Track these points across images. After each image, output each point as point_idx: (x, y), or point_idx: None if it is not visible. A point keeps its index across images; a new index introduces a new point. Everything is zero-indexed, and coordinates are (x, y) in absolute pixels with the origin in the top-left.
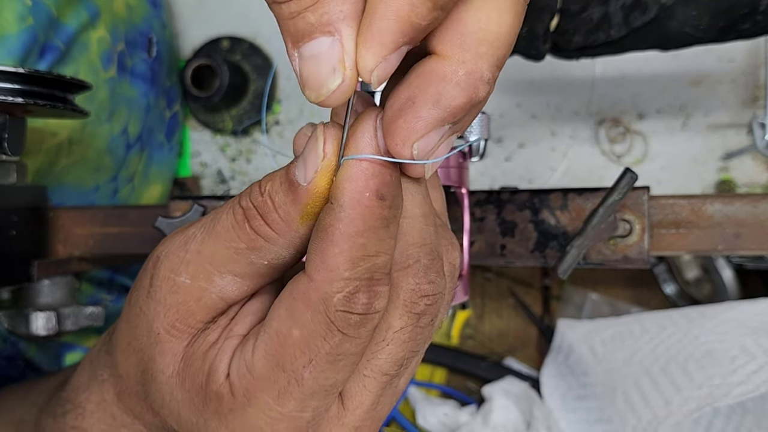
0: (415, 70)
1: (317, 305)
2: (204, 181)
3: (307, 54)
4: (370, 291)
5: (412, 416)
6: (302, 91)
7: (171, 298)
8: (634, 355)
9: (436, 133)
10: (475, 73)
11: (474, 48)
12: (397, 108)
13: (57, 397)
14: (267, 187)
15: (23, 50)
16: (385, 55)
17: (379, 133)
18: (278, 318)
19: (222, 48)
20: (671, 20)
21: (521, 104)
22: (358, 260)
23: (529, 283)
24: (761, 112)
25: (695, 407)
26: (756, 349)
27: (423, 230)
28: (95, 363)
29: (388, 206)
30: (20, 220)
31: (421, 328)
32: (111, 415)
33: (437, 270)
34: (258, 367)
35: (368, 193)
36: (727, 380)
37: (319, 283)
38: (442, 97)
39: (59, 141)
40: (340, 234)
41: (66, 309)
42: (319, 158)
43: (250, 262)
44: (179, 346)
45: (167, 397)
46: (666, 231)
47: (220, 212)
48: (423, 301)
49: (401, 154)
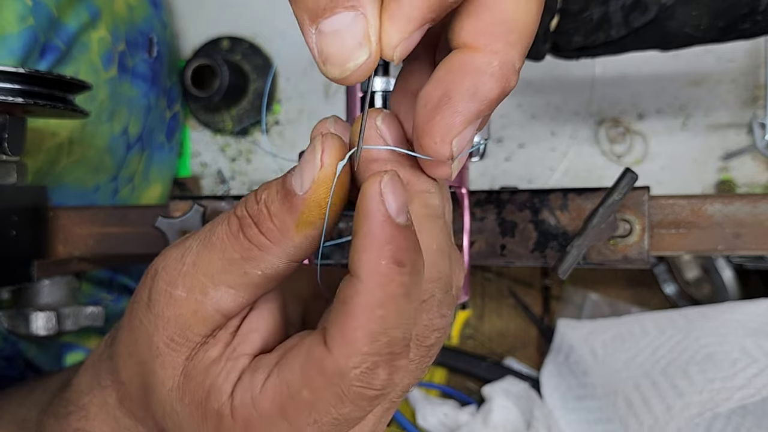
0: (445, 65)
1: (332, 377)
2: (204, 181)
3: (328, 29)
4: (391, 366)
5: (412, 416)
6: (320, 67)
7: (168, 312)
8: (635, 357)
9: (471, 128)
10: (507, 63)
11: (505, 37)
12: (432, 105)
13: (60, 398)
14: (263, 196)
15: (24, 50)
16: (411, 30)
17: (385, 133)
18: (291, 371)
19: (222, 48)
20: (671, 20)
21: (521, 104)
22: (377, 334)
23: (529, 283)
24: (761, 112)
25: (696, 413)
26: (756, 352)
27: (439, 264)
28: (97, 367)
29: (408, 272)
30: (20, 220)
31: (430, 358)
32: (114, 418)
33: (449, 303)
34: (263, 405)
35: (384, 261)
36: (728, 384)
37: (337, 356)
38: (479, 90)
39: (60, 141)
40: (358, 306)
41: (66, 309)
42: (317, 168)
43: (244, 272)
44: (179, 360)
45: (168, 409)
46: (666, 231)
47: (216, 223)
48: (434, 334)
49: (440, 152)
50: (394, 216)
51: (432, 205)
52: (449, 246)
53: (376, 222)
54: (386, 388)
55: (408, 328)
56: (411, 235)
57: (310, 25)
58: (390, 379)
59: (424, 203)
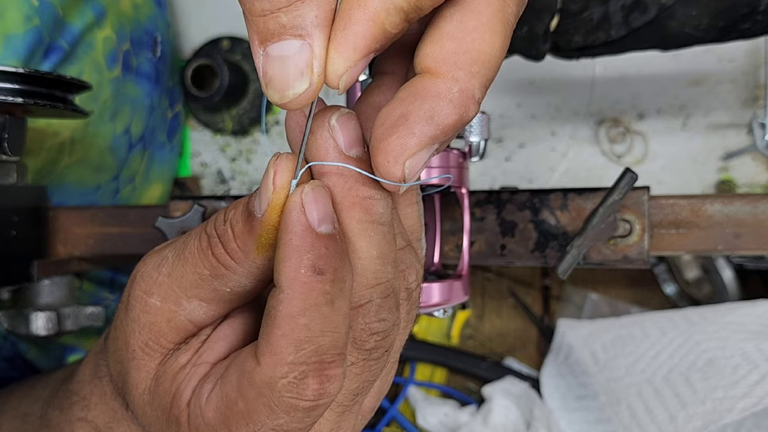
0: (407, 87)
1: (261, 388)
2: (204, 181)
3: (274, 54)
4: (322, 375)
5: (412, 416)
6: (264, 89)
7: (144, 318)
8: (637, 362)
9: (426, 151)
10: (467, 92)
11: (468, 67)
12: (389, 125)
13: (64, 390)
14: (230, 216)
15: (28, 50)
16: (356, 60)
17: (339, 140)
18: (229, 383)
19: (222, 48)
20: (671, 20)
21: (521, 104)
22: (302, 342)
23: (529, 283)
24: (761, 112)
25: (700, 425)
26: (757, 356)
27: (378, 271)
28: (97, 358)
29: (329, 280)
30: (20, 220)
31: (374, 361)
32: (112, 409)
33: (389, 307)
34: (208, 416)
35: (303, 269)
36: (730, 393)
37: (264, 367)
38: (436, 114)
39: (61, 140)
40: (281, 316)
41: (66, 309)
42: (269, 191)
43: (214, 288)
44: (152, 364)
45: (140, 411)
46: (666, 231)
47: (189, 236)
48: (373, 338)
49: (392, 172)
50: (316, 226)
51: (375, 212)
52: (393, 252)
53: (296, 232)
54: (321, 398)
55: (337, 336)
56: (333, 243)
57: (258, 46)
58: (322, 389)
59: (366, 209)
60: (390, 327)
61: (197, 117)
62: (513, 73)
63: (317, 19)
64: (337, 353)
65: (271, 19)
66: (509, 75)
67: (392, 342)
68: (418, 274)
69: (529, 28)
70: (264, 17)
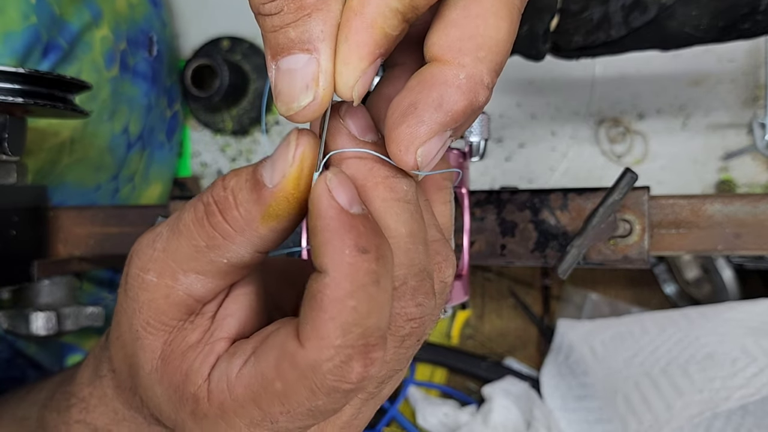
0: (416, 76)
1: (305, 371)
2: (204, 181)
3: (284, 67)
4: (366, 358)
5: (412, 416)
6: (274, 101)
7: (142, 296)
8: (635, 356)
9: (438, 139)
10: (475, 77)
11: (473, 52)
12: (399, 114)
13: (62, 392)
14: (231, 183)
15: (26, 48)
16: (364, 68)
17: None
18: (266, 363)
19: (222, 48)
20: (671, 20)
21: (521, 104)
22: (350, 326)
23: (529, 283)
24: (761, 112)
25: (697, 412)
26: (756, 351)
27: (410, 250)
28: (98, 358)
29: (374, 258)
30: (20, 220)
31: (406, 349)
32: (113, 409)
33: (425, 291)
34: (237, 391)
35: (347, 250)
36: (728, 384)
37: (309, 350)
38: (444, 101)
39: (61, 140)
40: (328, 299)
41: (66, 309)
42: (288, 163)
43: (210, 260)
44: (156, 343)
45: (149, 392)
46: (666, 231)
47: (184, 209)
48: (409, 324)
49: (404, 160)
50: (347, 207)
51: (399, 189)
52: (423, 232)
53: (331, 216)
54: (362, 381)
55: (382, 316)
56: (368, 222)
57: (271, 60)
58: (366, 372)
59: (390, 187)
60: (427, 314)
61: (197, 117)
62: (513, 73)
63: (323, 33)
64: (381, 335)
65: (281, 34)
66: (509, 75)
67: (425, 332)
68: (454, 268)
69: (529, 28)
70: (275, 32)
